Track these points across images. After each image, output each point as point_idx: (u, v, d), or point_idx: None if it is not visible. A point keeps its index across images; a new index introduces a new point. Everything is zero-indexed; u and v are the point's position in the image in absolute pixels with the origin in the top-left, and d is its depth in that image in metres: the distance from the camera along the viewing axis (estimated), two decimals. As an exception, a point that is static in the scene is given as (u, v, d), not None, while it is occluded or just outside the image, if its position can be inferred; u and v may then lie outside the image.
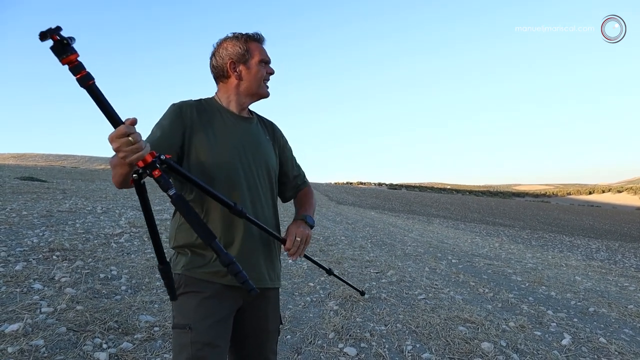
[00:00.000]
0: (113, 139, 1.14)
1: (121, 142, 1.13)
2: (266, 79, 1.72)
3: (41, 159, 63.89)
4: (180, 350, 1.50)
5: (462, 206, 55.25)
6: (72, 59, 1.06)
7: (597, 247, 19.57)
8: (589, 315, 4.82)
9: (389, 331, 3.75)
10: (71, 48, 1.05)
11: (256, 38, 1.70)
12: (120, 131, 1.13)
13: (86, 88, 1.09)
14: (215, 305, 1.55)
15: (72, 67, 1.07)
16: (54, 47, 1.04)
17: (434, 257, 8.31)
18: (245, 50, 1.66)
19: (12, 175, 18.75)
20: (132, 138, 1.13)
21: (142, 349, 2.96)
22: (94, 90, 1.10)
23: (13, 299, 3.54)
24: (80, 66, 1.07)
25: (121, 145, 1.13)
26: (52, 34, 1.02)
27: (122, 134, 1.13)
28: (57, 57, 1.05)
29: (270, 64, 1.74)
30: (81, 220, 7.79)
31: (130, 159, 1.15)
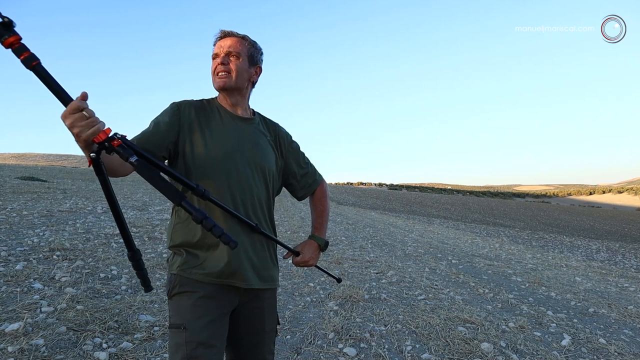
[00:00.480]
0: (66, 116, 1.10)
1: (75, 117, 1.10)
2: (217, 70, 1.67)
3: (42, 159, 63.96)
4: (176, 350, 1.51)
5: (462, 207, 55.25)
6: (13, 40, 1.04)
7: (597, 247, 19.56)
8: (589, 316, 4.82)
9: (388, 331, 3.76)
10: (12, 30, 1.04)
11: (217, 37, 1.70)
12: (73, 106, 1.09)
13: (31, 69, 1.07)
14: (210, 305, 1.55)
15: (14, 48, 1.05)
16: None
17: (434, 257, 8.31)
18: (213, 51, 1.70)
19: (12, 175, 18.78)
20: (86, 112, 1.10)
21: (142, 348, 2.97)
22: (40, 70, 1.08)
23: (13, 298, 3.54)
24: (23, 47, 1.06)
25: (75, 121, 1.10)
26: None
27: (75, 109, 1.09)
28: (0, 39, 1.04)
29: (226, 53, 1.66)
30: (81, 220, 7.81)
31: (86, 133, 1.11)
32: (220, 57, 1.66)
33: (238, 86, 1.68)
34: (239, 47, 1.67)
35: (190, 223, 1.59)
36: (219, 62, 1.66)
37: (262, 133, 1.76)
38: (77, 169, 38.42)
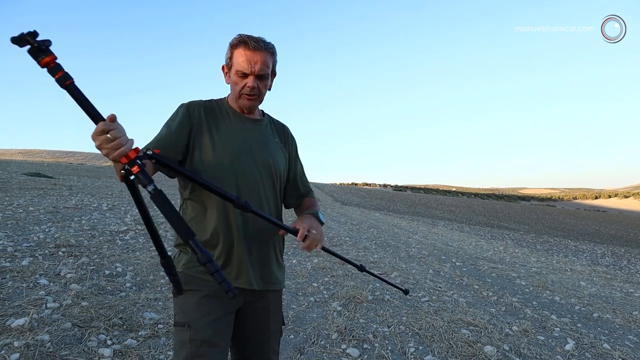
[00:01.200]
0: (94, 137, 1.14)
1: (101, 140, 1.13)
2: (245, 92, 1.60)
3: (48, 155, 64.34)
4: (180, 348, 1.52)
5: (467, 209, 55.09)
6: (48, 60, 1.07)
7: (602, 252, 19.45)
8: (593, 320, 4.80)
9: (392, 333, 3.76)
10: (47, 50, 1.07)
11: (243, 43, 1.58)
12: (98, 128, 1.12)
13: (65, 88, 1.10)
14: (214, 304, 1.56)
15: (50, 68, 1.08)
16: (30, 51, 1.06)
17: (438, 259, 8.29)
18: (230, 57, 1.60)
19: (19, 171, 18.89)
20: (111, 135, 1.13)
21: (146, 346, 2.98)
22: (72, 89, 1.11)
23: (19, 294, 3.56)
24: (58, 67, 1.09)
25: (102, 143, 1.13)
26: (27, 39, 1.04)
27: (100, 131, 1.12)
28: (35, 59, 1.07)
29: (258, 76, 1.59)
30: (87, 216, 7.84)
31: (113, 155, 1.15)
32: (251, 80, 1.58)
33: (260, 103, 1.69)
34: (269, 68, 1.62)
35: (195, 222, 1.59)
36: (250, 85, 1.58)
37: (270, 134, 1.75)
38: (83, 166, 38.62)
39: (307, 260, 6.48)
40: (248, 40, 1.56)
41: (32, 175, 16.77)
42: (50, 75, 1.08)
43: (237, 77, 1.59)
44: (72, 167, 31.94)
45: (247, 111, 1.69)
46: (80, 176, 21.26)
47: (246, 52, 1.56)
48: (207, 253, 1.23)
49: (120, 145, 1.14)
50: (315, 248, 1.59)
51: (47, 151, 74.26)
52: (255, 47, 1.56)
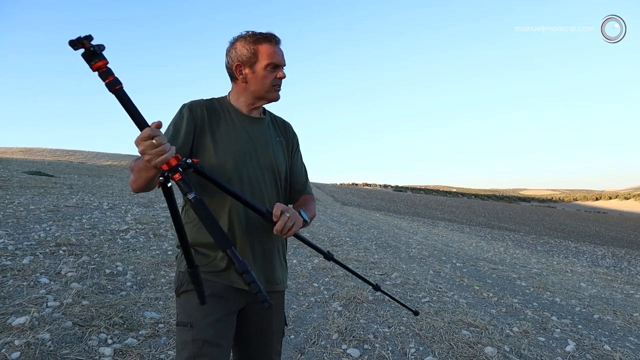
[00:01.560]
0: (138, 142, 1.16)
1: (146, 145, 1.15)
2: (276, 83, 1.64)
3: (49, 154, 64.38)
4: (182, 347, 1.52)
5: (467, 210, 55.08)
6: (101, 65, 1.10)
7: (603, 253, 19.45)
8: (594, 322, 4.79)
9: (392, 333, 3.75)
10: (101, 55, 1.10)
11: (268, 39, 1.61)
12: (145, 134, 1.15)
13: (114, 92, 1.13)
14: (217, 304, 1.56)
15: (101, 72, 1.12)
16: (85, 55, 1.09)
17: (439, 260, 8.29)
18: (253, 52, 1.60)
19: (19, 169, 18.90)
20: (156, 141, 1.15)
21: (147, 345, 2.98)
22: (121, 94, 1.14)
23: (20, 292, 3.57)
24: (109, 72, 1.12)
25: (146, 148, 1.16)
26: (83, 42, 1.07)
27: (146, 137, 1.15)
28: (88, 63, 1.10)
29: (284, 67, 1.66)
30: (87, 215, 7.84)
31: (155, 161, 1.17)
32: (282, 71, 1.65)
33: None
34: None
35: (198, 225, 1.59)
36: (281, 75, 1.65)
37: (272, 132, 1.75)
38: (83, 165, 38.65)
39: (308, 261, 6.48)
40: (270, 36, 1.61)
41: (32, 173, 16.77)
42: (101, 79, 1.12)
43: (268, 71, 1.62)
44: (72, 166, 31.95)
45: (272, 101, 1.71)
46: (81, 175, 21.27)
47: (273, 46, 1.61)
48: (244, 263, 1.24)
49: (164, 152, 1.17)
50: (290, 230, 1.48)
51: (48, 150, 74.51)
52: (279, 41, 1.63)
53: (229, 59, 1.65)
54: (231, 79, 1.69)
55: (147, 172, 1.31)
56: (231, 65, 1.64)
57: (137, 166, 1.35)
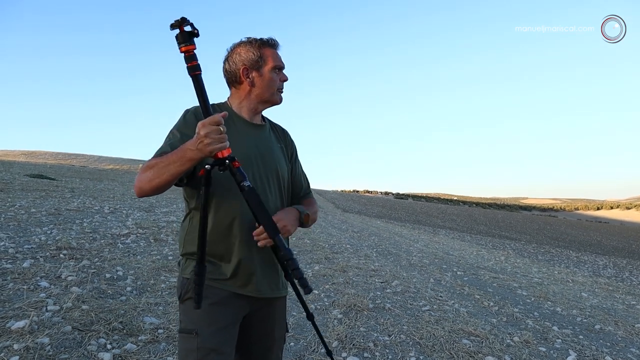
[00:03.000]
0: (205, 125, 1.23)
1: (212, 129, 1.23)
2: (279, 86, 1.68)
3: (51, 157, 64.45)
4: (186, 355, 1.51)
5: (468, 218, 54.98)
6: (190, 48, 1.23)
7: (604, 263, 19.38)
8: (595, 332, 4.77)
9: (392, 342, 3.74)
10: (192, 40, 1.23)
11: (271, 44, 1.66)
12: (215, 119, 1.23)
13: (192, 76, 1.25)
14: (222, 312, 1.55)
15: (187, 55, 1.23)
16: (178, 35, 1.22)
17: (439, 268, 8.27)
18: (259, 56, 1.63)
19: (21, 172, 18.93)
20: (223, 128, 1.24)
21: (146, 350, 2.97)
22: (199, 79, 1.26)
23: (20, 296, 3.56)
24: (194, 57, 1.24)
25: (211, 132, 1.23)
26: (181, 25, 1.21)
27: (216, 122, 1.23)
28: (178, 44, 1.23)
29: (284, 70, 1.71)
30: (88, 219, 7.85)
31: (215, 146, 1.24)
32: (285, 75, 1.70)
33: None
34: None
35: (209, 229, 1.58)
36: (284, 78, 1.70)
37: (273, 139, 1.76)
38: (85, 168, 38.68)
39: (308, 268, 6.47)
40: (273, 41, 1.67)
41: (34, 176, 16.80)
42: (185, 61, 1.24)
43: (275, 74, 1.66)
44: (74, 170, 31.99)
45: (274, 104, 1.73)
46: (82, 178, 21.29)
47: (274, 50, 1.67)
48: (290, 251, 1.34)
49: (225, 140, 1.26)
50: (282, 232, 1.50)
51: (50, 153, 74.63)
52: (278, 46, 1.69)
53: (231, 64, 1.66)
54: (232, 84, 1.70)
55: (181, 166, 1.33)
56: (235, 69, 1.65)
57: (166, 160, 1.36)
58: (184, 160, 1.31)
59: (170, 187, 1.44)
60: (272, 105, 1.72)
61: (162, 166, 1.36)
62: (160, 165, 1.37)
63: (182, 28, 1.22)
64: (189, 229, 1.62)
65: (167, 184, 1.40)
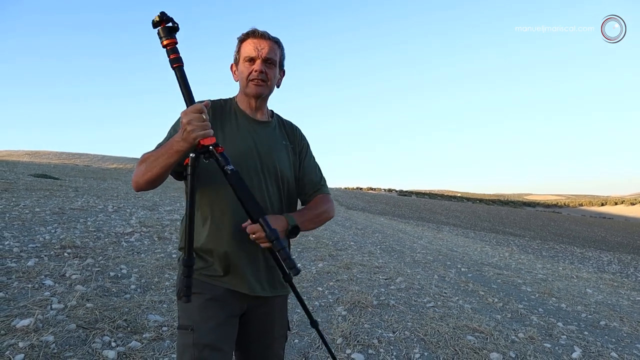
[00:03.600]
0: (187, 113, 1.26)
1: (194, 116, 1.26)
2: (252, 77, 1.59)
3: (54, 157, 64.71)
4: (183, 351, 1.51)
5: (472, 214, 54.88)
6: (171, 42, 1.30)
7: (609, 259, 19.31)
8: (600, 328, 4.75)
9: (397, 338, 3.73)
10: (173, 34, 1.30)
11: (248, 35, 1.61)
12: (197, 107, 1.27)
13: (174, 68, 1.30)
14: (218, 308, 1.55)
15: (169, 49, 1.30)
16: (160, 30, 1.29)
17: (443, 265, 8.25)
18: (238, 50, 1.64)
19: (26, 172, 19.00)
20: (205, 116, 1.28)
21: (150, 348, 2.98)
22: (181, 71, 1.31)
23: (25, 294, 3.57)
24: (175, 50, 1.30)
25: (193, 119, 1.25)
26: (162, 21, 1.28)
27: (198, 110, 1.26)
28: (160, 38, 1.29)
29: (265, 60, 1.59)
30: (92, 218, 7.86)
31: (198, 133, 1.25)
32: (258, 64, 1.58)
33: (269, 94, 1.68)
34: (276, 55, 1.63)
35: (200, 227, 1.58)
36: (257, 69, 1.58)
37: (278, 136, 1.72)
38: (89, 168, 38.79)
39: (312, 265, 6.46)
40: (254, 30, 1.61)
41: (38, 176, 16.86)
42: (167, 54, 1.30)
43: (245, 64, 1.61)
44: (78, 169, 32.09)
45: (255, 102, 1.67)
46: (86, 178, 21.35)
47: (253, 40, 1.60)
48: (275, 231, 1.35)
49: (208, 127, 1.28)
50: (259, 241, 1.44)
51: (54, 153, 74.93)
52: (262, 35, 1.61)
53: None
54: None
55: (169, 158, 1.34)
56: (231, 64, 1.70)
57: (156, 153, 1.38)
58: (172, 152, 1.33)
59: (163, 179, 1.44)
60: (251, 97, 1.65)
61: (153, 159, 1.39)
62: (151, 158, 1.40)
63: (163, 24, 1.28)
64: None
65: (159, 177, 1.41)
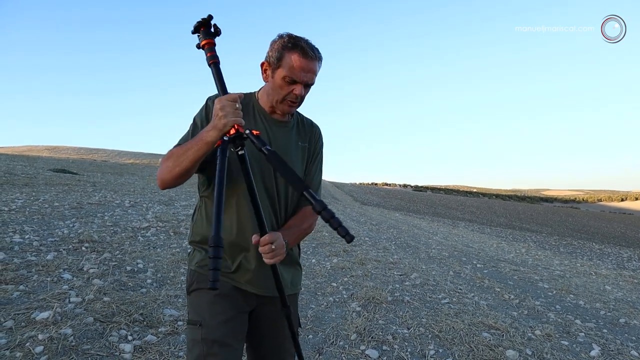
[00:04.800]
0: (222, 100, 1.31)
1: (229, 104, 1.30)
2: (290, 98, 1.55)
3: (73, 152, 65.74)
4: (192, 346, 1.51)
5: (488, 210, 54.36)
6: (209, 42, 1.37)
7: (628, 256, 18.95)
8: (620, 326, 4.67)
9: (411, 335, 3.71)
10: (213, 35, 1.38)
11: (300, 50, 1.49)
12: (231, 96, 1.32)
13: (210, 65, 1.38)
14: (226, 304, 1.54)
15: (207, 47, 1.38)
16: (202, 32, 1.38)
17: (459, 261, 8.19)
18: (278, 58, 1.51)
19: (45, 167, 19.33)
20: (239, 105, 1.32)
21: (166, 342, 3.00)
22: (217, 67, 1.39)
23: (44, 287, 3.63)
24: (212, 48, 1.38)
25: (226, 106, 1.30)
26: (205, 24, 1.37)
27: (232, 99, 1.31)
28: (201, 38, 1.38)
29: (306, 84, 1.53)
30: (110, 213, 7.97)
31: (231, 119, 1.29)
32: (299, 89, 1.52)
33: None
34: (316, 76, 1.56)
35: (208, 221, 1.58)
36: (297, 92, 1.52)
37: (295, 138, 1.68)
38: (106, 163, 39.32)
39: (327, 260, 6.46)
40: (305, 46, 1.49)
41: (57, 171, 17.14)
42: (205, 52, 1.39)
43: (284, 82, 1.52)
44: (96, 164, 32.57)
45: (281, 114, 1.63)
46: (103, 173, 21.65)
47: (301, 59, 1.49)
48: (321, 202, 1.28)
49: (239, 115, 1.32)
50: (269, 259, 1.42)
51: (73, 148, 76.11)
52: (312, 56, 1.50)
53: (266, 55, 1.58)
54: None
55: (198, 151, 1.35)
56: (262, 61, 1.58)
57: (184, 147, 1.38)
58: (202, 144, 1.33)
59: (191, 174, 1.44)
60: (281, 113, 1.62)
61: (181, 153, 1.37)
62: (178, 152, 1.39)
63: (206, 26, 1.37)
64: (198, 217, 1.62)
65: (188, 172, 1.40)
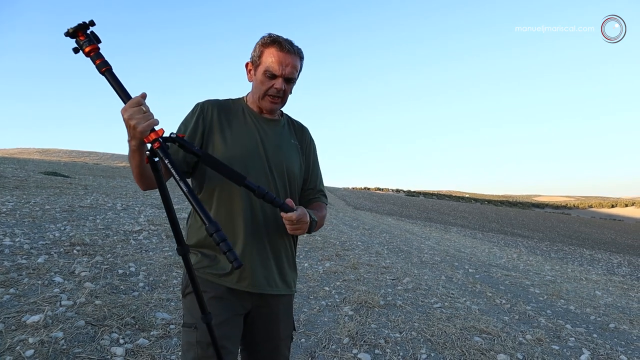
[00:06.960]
0: (126, 109, 1.18)
1: (134, 110, 1.18)
2: (270, 93, 1.58)
3: (65, 155, 65.30)
4: (188, 349, 1.52)
5: (480, 215, 54.60)
6: (94, 48, 1.22)
7: (618, 262, 19.12)
8: (609, 331, 4.71)
9: (403, 339, 3.72)
10: (92, 41, 1.22)
11: (276, 43, 1.54)
12: (134, 100, 1.19)
13: (102, 73, 1.23)
14: (220, 307, 1.55)
15: (93, 54, 1.22)
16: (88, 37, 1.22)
17: (451, 265, 8.22)
18: (259, 54, 1.57)
19: (36, 169, 19.16)
20: (144, 107, 1.19)
21: (158, 345, 2.99)
22: (110, 75, 1.24)
23: (35, 290, 3.61)
24: (99, 55, 1.23)
25: (133, 113, 1.17)
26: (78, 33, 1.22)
27: (135, 103, 1.18)
28: (81, 46, 1.22)
29: (287, 78, 1.57)
30: (101, 216, 7.92)
31: (143, 125, 1.18)
32: (279, 82, 1.55)
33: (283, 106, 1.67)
34: (297, 72, 1.60)
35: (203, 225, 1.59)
36: (277, 86, 1.56)
37: (287, 135, 1.72)
38: (98, 166, 39.09)
39: (319, 264, 6.47)
40: (282, 41, 1.54)
41: (49, 174, 17.00)
42: (92, 61, 1.24)
43: (265, 77, 1.56)
44: (87, 167, 32.35)
45: (267, 112, 1.67)
46: (95, 176, 21.50)
47: (278, 53, 1.54)
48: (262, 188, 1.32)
49: (151, 117, 1.20)
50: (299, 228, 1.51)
51: (64, 151, 75.57)
52: (289, 49, 1.54)
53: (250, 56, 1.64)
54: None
55: (133, 160, 1.31)
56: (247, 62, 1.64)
57: (129, 157, 1.34)
58: (131, 153, 1.30)
59: (148, 179, 1.40)
60: (265, 110, 1.65)
61: (130, 162, 1.37)
62: (129, 162, 1.38)
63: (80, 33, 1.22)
64: (192, 221, 1.63)
65: (140, 176, 1.40)
